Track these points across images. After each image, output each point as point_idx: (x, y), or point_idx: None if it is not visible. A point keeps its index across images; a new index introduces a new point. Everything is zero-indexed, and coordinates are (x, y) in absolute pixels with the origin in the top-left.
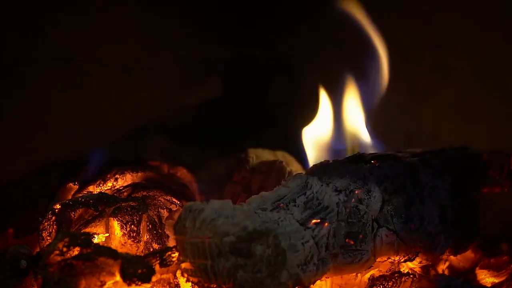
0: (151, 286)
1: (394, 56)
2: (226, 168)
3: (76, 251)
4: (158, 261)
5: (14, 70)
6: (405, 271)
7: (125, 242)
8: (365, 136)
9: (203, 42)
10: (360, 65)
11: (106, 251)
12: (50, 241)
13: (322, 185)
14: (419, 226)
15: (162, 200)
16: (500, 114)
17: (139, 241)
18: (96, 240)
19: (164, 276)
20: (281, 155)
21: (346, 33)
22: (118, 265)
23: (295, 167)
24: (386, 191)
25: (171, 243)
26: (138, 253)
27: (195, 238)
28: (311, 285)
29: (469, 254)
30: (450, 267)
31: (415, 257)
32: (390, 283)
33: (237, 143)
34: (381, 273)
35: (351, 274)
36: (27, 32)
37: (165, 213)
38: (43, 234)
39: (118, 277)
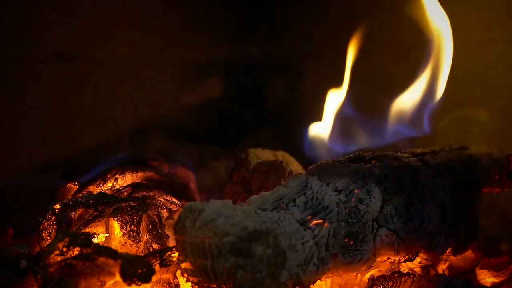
0: (151, 286)
1: (394, 55)
2: (226, 168)
3: (76, 251)
4: (158, 261)
5: (14, 70)
6: (405, 271)
7: (125, 242)
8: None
9: (203, 42)
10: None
11: (106, 251)
12: (50, 241)
13: (322, 185)
14: (419, 226)
15: (162, 200)
16: (499, 114)
17: (139, 241)
18: (96, 240)
19: (164, 276)
20: (281, 155)
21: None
22: (118, 265)
23: (295, 167)
24: (386, 191)
25: (171, 243)
26: (138, 253)
27: (195, 238)
28: (311, 285)
29: (469, 254)
30: (450, 267)
31: (415, 257)
32: (390, 283)
33: (237, 143)
34: (381, 273)
35: (351, 274)
36: (27, 32)
37: (165, 213)
38: (43, 234)
39: (118, 277)
